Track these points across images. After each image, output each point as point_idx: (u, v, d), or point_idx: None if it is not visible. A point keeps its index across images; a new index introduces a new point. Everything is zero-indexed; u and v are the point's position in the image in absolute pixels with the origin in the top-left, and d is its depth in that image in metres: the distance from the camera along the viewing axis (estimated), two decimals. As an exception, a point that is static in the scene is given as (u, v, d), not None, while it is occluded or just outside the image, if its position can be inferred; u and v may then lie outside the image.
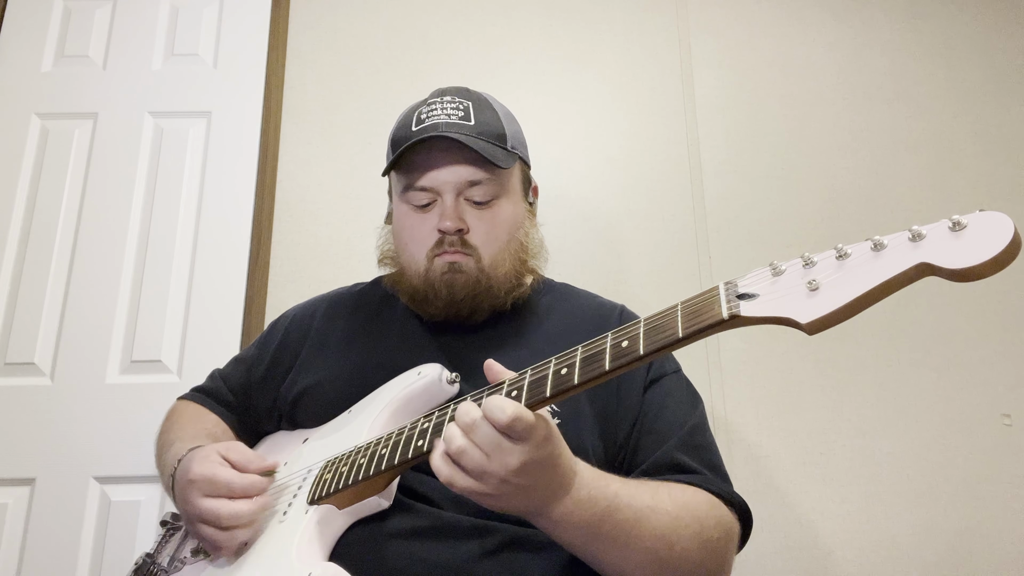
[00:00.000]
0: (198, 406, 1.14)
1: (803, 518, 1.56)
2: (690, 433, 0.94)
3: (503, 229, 1.04)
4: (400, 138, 1.03)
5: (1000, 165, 1.82)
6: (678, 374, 1.03)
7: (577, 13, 1.96)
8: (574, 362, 0.69)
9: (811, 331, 0.56)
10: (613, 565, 0.79)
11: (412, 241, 1.03)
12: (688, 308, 0.64)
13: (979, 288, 1.72)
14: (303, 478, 0.89)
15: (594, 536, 0.76)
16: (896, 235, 0.56)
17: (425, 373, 0.90)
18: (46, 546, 1.53)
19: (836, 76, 1.91)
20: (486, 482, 0.69)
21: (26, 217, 1.76)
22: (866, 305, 0.55)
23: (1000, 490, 1.57)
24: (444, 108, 1.04)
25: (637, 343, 0.65)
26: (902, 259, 0.54)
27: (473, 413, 0.70)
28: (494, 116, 1.06)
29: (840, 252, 0.58)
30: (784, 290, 0.59)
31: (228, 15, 1.94)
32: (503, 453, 0.68)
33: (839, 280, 0.56)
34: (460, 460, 0.69)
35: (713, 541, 0.83)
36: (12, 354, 1.66)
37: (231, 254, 1.75)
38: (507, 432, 0.68)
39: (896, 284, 0.54)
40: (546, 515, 0.74)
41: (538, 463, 0.70)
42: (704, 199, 1.80)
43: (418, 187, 1.02)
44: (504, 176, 1.05)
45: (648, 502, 0.79)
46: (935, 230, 0.54)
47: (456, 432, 0.70)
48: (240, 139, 1.83)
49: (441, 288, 1.00)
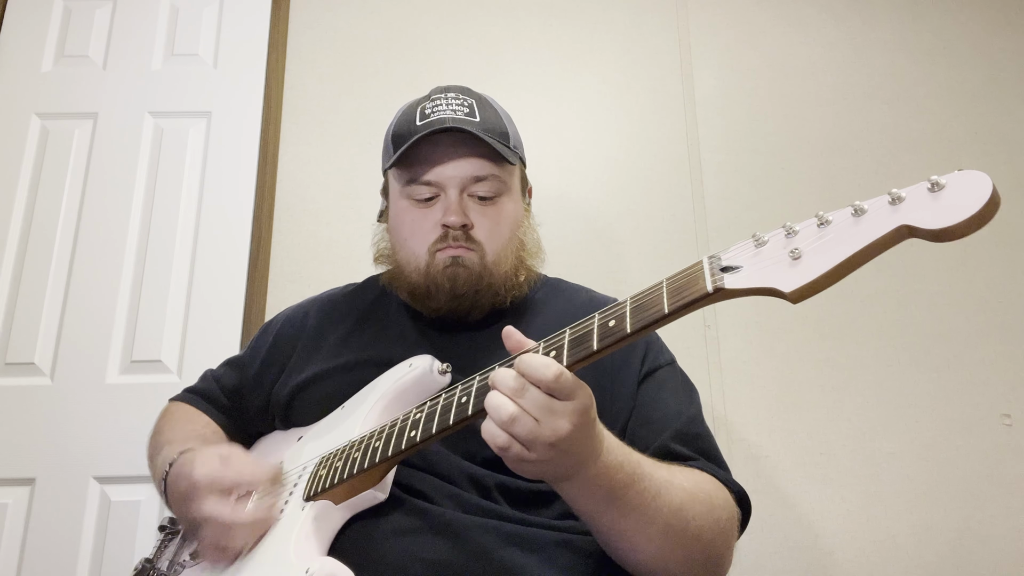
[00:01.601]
0: (189, 407, 1.13)
1: (803, 518, 1.56)
2: (687, 423, 0.94)
3: (506, 226, 1.04)
4: (404, 133, 1.03)
5: (1000, 165, 1.82)
6: (672, 366, 1.03)
7: (577, 13, 1.96)
8: (563, 344, 0.69)
9: (795, 299, 0.56)
10: (628, 536, 0.77)
11: (413, 236, 1.03)
12: (673, 284, 0.64)
13: (979, 288, 1.72)
14: (298, 475, 0.89)
15: (617, 503, 0.74)
16: (876, 199, 0.56)
17: (416, 365, 0.90)
18: (46, 546, 1.53)
19: (836, 76, 1.91)
20: (536, 449, 0.66)
21: (26, 217, 1.77)
22: (849, 270, 0.55)
23: (1000, 490, 1.57)
24: (449, 104, 1.04)
25: (624, 321, 0.65)
26: (883, 222, 0.54)
27: (518, 379, 0.66)
28: (496, 115, 1.07)
29: (821, 220, 0.58)
30: (767, 260, 0.59)
31: (228, 15, 1.94)
32: (554, 417, 0.66)
33: (821, 247, 0.56)
34: (511, 428, 0.66)
35: (723, 522, 0.83)
36: (12, 354, 1.66)
37: (231, 254, 1.75)
38: (553, 390, 0.66)
39: (878, 247, 0.54)
40: (575, 478, 0.72)
41: (583, 427, 0.67)
42: (704, 199, 1.80)
43: (422, 181, 1.01)
44: (507, 173, 1.05)
45: (666, 476, 0.78)
46: (914, 192, 0.54)
47: (504, 400, 0.66)
48: (240, 139, 1.84)
49: (443, 282, 0.99)
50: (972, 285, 1.72)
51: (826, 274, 0.55)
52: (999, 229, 1.75)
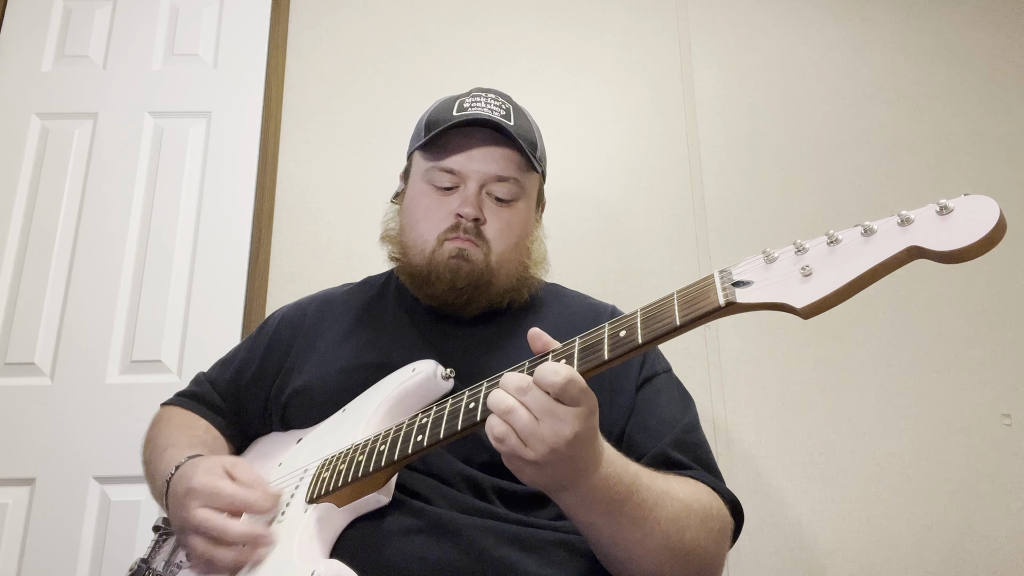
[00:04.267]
0: (186, 411, 1.12)
1: (803, 518, 1.56)
2: (683, 431, 0.95)
3: (516, 231, 1.05)
4: (439, 120, 1.04)
5: (1000, 165, 1.82)
6: (669, 374, 1.04)
7: (577, 13, 1.96)
8: (572, 352, 0.70)
9: (806, 315, 0.57)
10: (628, 548, 0.78)
11: (425, 219, 1.04)
12: (684, 296, 0.65)
13: (979, 288, 1.72)
14: (299, 478, 0.88)
15: (615, 515, 0.75)
16: (885, 220, 0.57)
17: (420, 369, 0.90)
18: (46, 546, 1.53)
19: (836, 76, 1.91)
20: (534, 447, 0.67)
21: (26, 217, 1.76)
22: (859, 289, 0.56)
23: (1000, 490, 1.57)
24: (488, 103, 1.06)
25: (635, 332, 0.66)
26: (892, 243, 0.56)
27: (525, 379, 0.68)
28: (529, 125, 1.09)
29: (831, 238, 0.59)
30: (778, 276, 0.60)
31: (228, 15, 1.94)
32: (556, 420, 0.66)
33: (831, 265, 0.57)
34: (509, 418, 0.67)
35: (715, 532, 0.83)
36: (12, 354, 1.66)
37: (231, 254, 1.75)
38: (560, 395, 0.66)
39: (887, 268, 0.56)
40: (574, 489, 0.72)
41: (584, 435, 0.68)
42: (704, 199, 1.80)
43: (446, 168, 1.03)
44: (528, 181, 1.07)
45: (663, 486, 0.79)
46: (923, 214, 0.55)
47: (503, 394, 0.68)
48: (240, 139, 1.84)
49: (445, 272, 1.00)
50: (972, 285, 1.72)
51: (837, 291, 0.56)
52: (999, 229, 1.75)
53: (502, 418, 0.67)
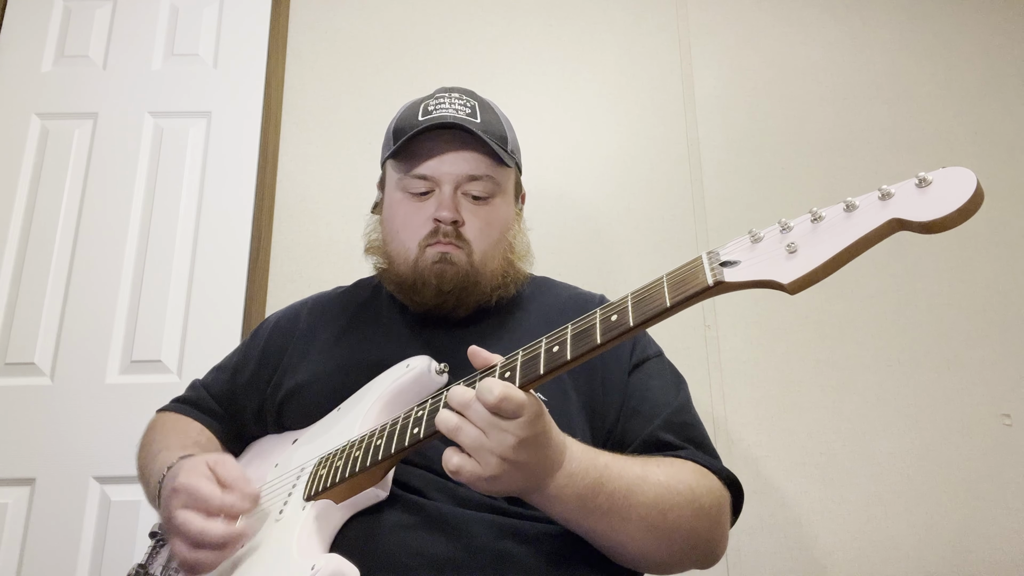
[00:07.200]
0: (180, 416, 1.12)
1: (803, 518, 1.56)
2: (675, 413, 0.96)
3: (496, 227, 1.05)
4: (405, 127, 1.05)
5: (1000, 165, 1.82)
6: (660, 357, 1.05)
7: (577, 13, 1.96)
8: (565, 339, 0.71)
9: (793, 290, 0.58)
10: (608, 537, 0.80)
11: (404, 229, 1.04)
12: (673, 278, 0.66)
13: (979, 288, 1.72)
14: (296, 477, 0.89)
15: (588, 508, 0.77)
16: (866, 195, 0.59)
17: (414, 365, 0.91)
18: (46, 546, 1.53)
19: (836, 76, 1.91)
20: (485, 461, 0.70)
21: (26, 217, 1.77)
22: (844, 262, 0.58)
23: (1000, 490, 1.57)
24: (452, 103, 1.06)
25: (627, 315, 0.67)
26: (874, 216, 0.57)
27: (467, 394, 0.71)
28: (497, 119, 1.09)
29: (815, 215, 0.60)
30: (764, 254, 0.61)
31: (228, 15, 1.94)
32: (499, 432, 0.69)
33: (815, 241, 0.59)
34: (456, 437, 0.71)
35: (705, 508, 0.84)
36: (12, 354, 1.66)
37: (231, 254, 1.75)
38: (497, 411, 0.69)
39: (870, 241, 0.57)
40: (541, 491, 0.75)
41: (532, 440, 0.71)
42: (704, 199, 1.80)
43: (418, 175, 1.03)
44: (502, 176, 1.07)
45: (639, 472, 0.81)
46: (903, 188, 0.57)
47: (449, 413, 0.72)
48: (240, 139, 1.84)
49: (430, 278, 1.01)
50: (972, 285, 1.72)
51: (822, 265, 0.57)
52: (999, 229, 1.75)
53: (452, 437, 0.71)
